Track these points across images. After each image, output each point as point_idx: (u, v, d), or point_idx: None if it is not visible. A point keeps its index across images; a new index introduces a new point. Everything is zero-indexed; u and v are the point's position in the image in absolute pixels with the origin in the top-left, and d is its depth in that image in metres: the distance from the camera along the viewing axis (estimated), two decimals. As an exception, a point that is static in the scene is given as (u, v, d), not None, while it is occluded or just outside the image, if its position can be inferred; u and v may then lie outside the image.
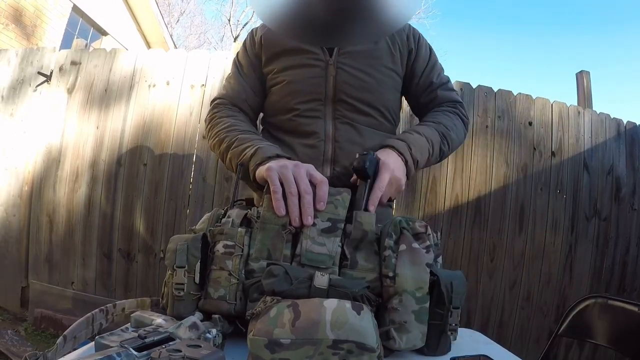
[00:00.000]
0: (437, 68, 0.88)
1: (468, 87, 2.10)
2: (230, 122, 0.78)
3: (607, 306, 1.04)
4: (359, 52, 0.80)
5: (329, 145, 0.77)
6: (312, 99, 0.78)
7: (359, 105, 0.79)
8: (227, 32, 14.35)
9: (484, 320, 2.04)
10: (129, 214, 2.09)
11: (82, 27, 5.41)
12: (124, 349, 0.35)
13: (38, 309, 2.13)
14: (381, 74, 0.81)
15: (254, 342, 0.41)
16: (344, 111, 0.78)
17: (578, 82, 2.46)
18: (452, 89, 0.88)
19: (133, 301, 0.64)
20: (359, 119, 0.79)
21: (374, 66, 0.80)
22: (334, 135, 0.78)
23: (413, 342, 0.50)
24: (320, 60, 0.79)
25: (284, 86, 0.80)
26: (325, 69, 0.79)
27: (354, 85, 0.78)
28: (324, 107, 0.78)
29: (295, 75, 0.79)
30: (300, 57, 0.80)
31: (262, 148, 0.67)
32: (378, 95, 0.81)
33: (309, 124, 0.78)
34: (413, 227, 0.57)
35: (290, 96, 0.80)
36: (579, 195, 2.16)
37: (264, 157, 0.65)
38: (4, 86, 2.37)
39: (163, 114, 2.11)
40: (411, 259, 0.53)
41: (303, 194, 0.57)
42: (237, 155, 0.70)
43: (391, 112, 0.84)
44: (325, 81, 0.78)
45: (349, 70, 0.79)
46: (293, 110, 0.79)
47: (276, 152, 0.66)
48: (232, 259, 0.54)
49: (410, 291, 0.51)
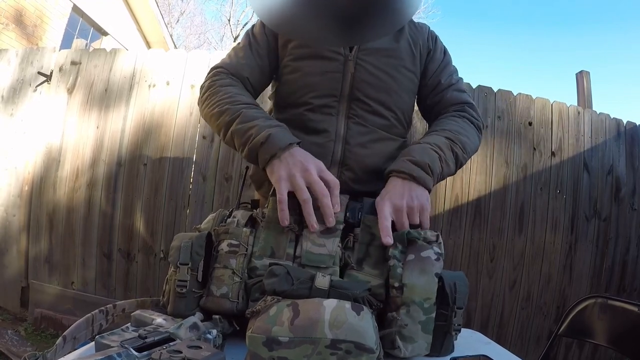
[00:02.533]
0: (448, 70, 0.83)
1: (468, 87, 2.09)
2: (233, 92, 0.71)
3: (607, 306, 1.04)
4: (381, 50, 0.75)
5: (338, 146, 0.72)
6: (327, 94, 0.74)
7: (375, 105, 0.74)
8: (227, 32, 14.36)
9: (484, 320, 2.04)
10: (129, 214, 2.09)
11: (82, 27, 5.41)
12: (125, 349, 0.35)
13: (38, 309, 2.13)
14: (401, 75, 0.77)
15: (253, 339, 0.41)
16: (358, 110, 0.74)
17: (578, 82, 2.47)
18: (461, 90, 0.82)
19: (133, 302, 0.64)
20: (372, 120, 0.74)
21: (395, 67, 0.76)
22: (345, 136, 0.72)
23: (418, 352, 0.51)
24: (340, 54, 0.74)
25: (299, 78, 0.75)
26: (344, 64, 0.74)
27: (372, 84, 0.74)
28: (338, 104, 0.73)
29: (312, 67, 0.74)
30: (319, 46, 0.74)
31: (274, 135, 0.61)
32: (396, 98, 0.76)
33: (320, 121, 0.73)
34: (425, 236, 0.57)
35: (304, 89, 0.74)
36: (579, 195, 2.16)
37: (276, 147, 0.60)
38: (4, 86, 2.37)
39: (163, 114, 2.11)
40: (420, 269, 0.52)
41: (321, 197, 0.57)
42: (241, 135, 0.64)
43: (405, 116, 0.81)
44: (343, 77, 0.73)
45: (369, 68, 0.74)
46: (306, 105, 0.74)
47: (289, 139, 0.61)
48: (236, 257, 0.54)
49: (419, 302, 0.51)
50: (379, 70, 0.75)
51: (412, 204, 0.61)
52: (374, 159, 0.73)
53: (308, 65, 0.75)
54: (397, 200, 0.60)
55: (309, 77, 0.74)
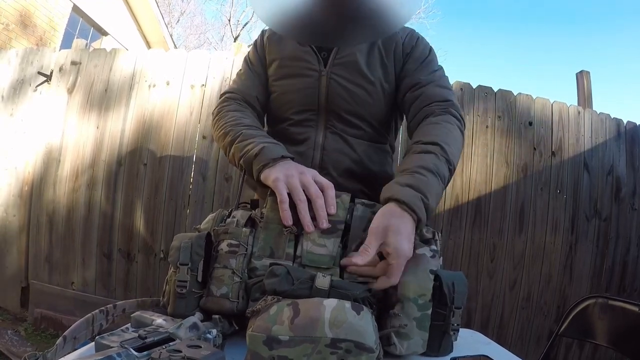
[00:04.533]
0: (430, 67, 0.80)
1: (468, 87, 2.10)
2: (237, 116, 0.78)
3: (607, 306, 1.04)
4: (351, 62, 0.78)
5: (317, 153, 0.79)
6: (305, 109, 0.80)
7: (348, 117, 0.79)
8: (227, 32, 14.36)
9: (484, 320, 2.04)
10: (129, 214, 2.09)
11: (82, 27, 5.42)
12: (124, 349, 0.35)
13: (38, 309, 2.13)
14: (373, 86, 0.79)
15: (253, 338, 0.41)
16: (334, 122, 0.80)
17: (578, 82, 2.47)
18: (444, 87, 0.78)
19: (133, 302, 0.64)
20: (348, 131, 0.80)
21: (366, 78, 0.78)
22: (323, 144, 0.79)
23: (414, 349, 0.51)
24: (314, 70, 0.79)
25: (279, 96, 0.82)
26: (318, 80, 0.79)
27: (344, 97, 0.78)
28: (317, 116, 0.80)
29: (290, 86, 0.81)
30: (296, 65, 0.80)
31: (267, 147, 0.65)
32: (368, 108, 0.80)
33: (301, 133, 0.80)
34: (420, 233, 0.58)
35: (285, 107, 0.81)
36: (579, 195, 2.16)
37: (269, 158, 0.64)
38: (4, 86, 2.37)
39: (163, 114, 2.11)
40: (415, 266, 0.53)
41: (315, 198, 0.58)
42: (240, 150, 0.69)
43: (381, 124, 0.83)
44: (318, 92, 0.79)
45: (340, 81, 0.78)
46: (287, 120, 0.81)
47: (281, 152, 0.65)
48: (236, 257, 0.54)
49: (413, 298, 0.51)
50: (351, 83, 0.78)
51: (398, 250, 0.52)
52: (349, 163, 0.79)
53: (287, 84, 0.81)
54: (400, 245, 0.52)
55: (289, 94, 0.81)
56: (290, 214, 0.57)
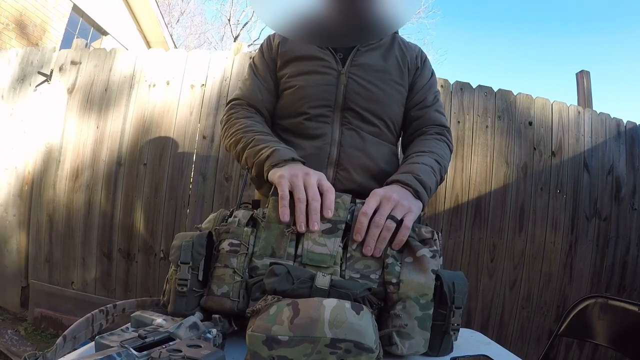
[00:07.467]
0: (433, 90, 0.90)
1: (468, 87, 2.10)
2: (248, 122, 0.79)
3: (607, 306, 1.04)
4: (370, 65, 0.83)
5: (334, 149, 0.80)
6: (322, 104, 0.81)
7: (365, 114, 0.82)
8: (227, 32, 14.33)
9: (484, 320, 2.04)
10: (129, 213, 2.09)
11: (82, 27, 5.41)
12: (124, 349, 0.35)
13: (38, 309, 2.13)
14: (390, 87, 0.84)
15: (252, 338, 0.41)
16: (351, 119, 0.82)
17: (578, 82, 2.47)
18: (442, 113, 0.89)
19: (133, 302, 0.64)
20: (364, 128, 0.82)
21: (384, 80, 0.83)
22: (340, 140, 0.80)
23: (415, 349, 0.51)
24: (333, 69, 0.82)
25: (296, 90, 0.83)
26: (337, 78, 0.82)
27: (362, 95, 0.81)
28: (332, 113, 0.81)
29: (308, 81, 0.82)
30: (313, 63, 0.83)
31: (279, 150, 0.68)
32: (385, 108, 0.83)
33: (317, 128, 0.81)
34: (419, 232, 0.58)
35: (302, 100, 0.82)
36: (579, 195, 2.16)
37: (280, 159, 0.66)
38: (4, 86, 2.37)
39: (163, 114, 2.11)
40: (417, 267, 0.53)
41: (311, 200, 0.58)
42: (253, 155, 0.71)
43: (395, 125, 0.87)
44: (336, 89, 0.81)
45: (359, 80, 0.82)
46: (304, 114, 0.82)
47: (292, 155, 0.68)
48: (237, 257, 0.55)
49: (414, 297, 0.51)
50: (369, 82, 0.82)
51: (402, 202, 0.61)
52: (366, 160, 0.81)
53: (306, 79, 0.82)
54: (389, 193, 0.62)
55: (306, 89, 0.82)
56: (288, 211, 0.57)
